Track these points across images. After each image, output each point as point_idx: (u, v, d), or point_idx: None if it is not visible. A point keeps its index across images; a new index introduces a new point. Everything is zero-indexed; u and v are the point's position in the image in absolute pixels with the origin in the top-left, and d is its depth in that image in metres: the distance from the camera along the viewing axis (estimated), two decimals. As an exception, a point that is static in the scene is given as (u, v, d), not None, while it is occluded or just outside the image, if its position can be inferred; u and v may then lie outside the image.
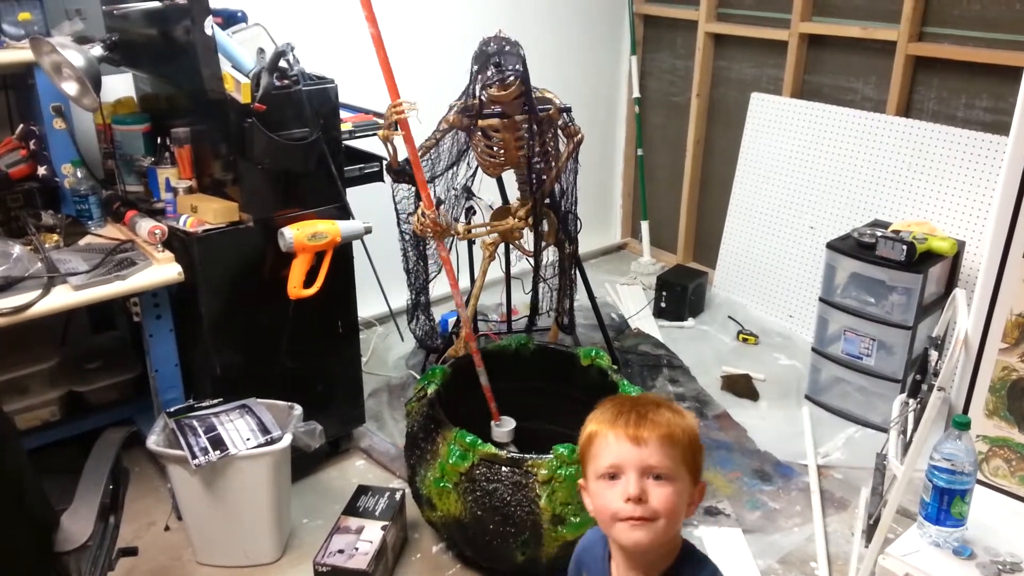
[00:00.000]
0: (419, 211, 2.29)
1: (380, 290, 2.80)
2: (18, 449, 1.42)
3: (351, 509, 2.22)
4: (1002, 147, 2.76)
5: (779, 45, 3.44)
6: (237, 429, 2.12)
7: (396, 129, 2.20)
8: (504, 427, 2.41)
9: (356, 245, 2.45)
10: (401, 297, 2.95)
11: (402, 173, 2.47)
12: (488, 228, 2.68)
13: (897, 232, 2.77)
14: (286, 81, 2.15)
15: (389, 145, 2.35)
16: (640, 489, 1.12)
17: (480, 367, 2.37)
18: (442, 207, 2.57)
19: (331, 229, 2.27)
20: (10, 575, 1.41)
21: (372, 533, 2.12)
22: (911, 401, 2.06)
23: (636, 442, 1.14)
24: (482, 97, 2.34)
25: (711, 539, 2.31)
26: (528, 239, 2.73)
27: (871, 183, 3.16)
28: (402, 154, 2.36)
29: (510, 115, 2.39)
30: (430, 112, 2.53)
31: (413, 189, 2.57)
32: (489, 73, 2.31)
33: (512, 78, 2.28)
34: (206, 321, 2.21)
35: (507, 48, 2.28)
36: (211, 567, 2.21)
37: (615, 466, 1.15)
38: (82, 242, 2.26)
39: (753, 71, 3.62)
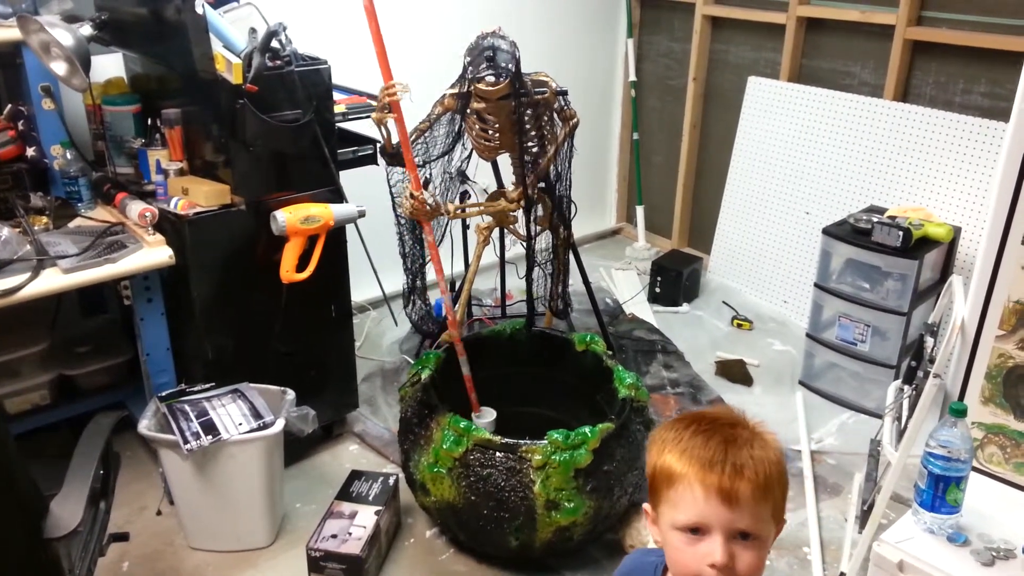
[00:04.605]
0: (407, 192, 2.27)
1: (374, 274, 2.79)
2: (5, 434, 1.41)
3: (344, 494, 2.21)
4: (999, 133, 2.75)
5: (777, 28, 3.41)
6: (229, 414, 2.11)
7: (389, 111, 2.19)
8: (484, 418, 2.40)
9: (350, 229, 2.43)
10: (395, 281, 2.93)
11: (397, 156, 2.45)
12: (480, 208, 2.66)
13: (893, 218, 2.76)
14: (278, 62, 2.13)
15: (383, 128, 2.33)
16: (728, 555, 1.02)
17: (462, 356, 2.35)
18: (430, 186, 2.55)
19: (324, 212, 2.24)
20: (-1, 561, 1.40)
21: (365, 518, 2.12)
22: (906, 387, 2.06)
23: (729, 501, 1.03)
24: (470, 90, 2.35)
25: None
26: (522, 224, 2.72)
27: (868, 168, 3.15)
28: (396, 137, 2.34)
29: (495, 112, 2.40)
30: (425, 98, 2.50)
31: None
32: (482, 67, 2.31)
33: (503, 77, 2.28)
34: (198, 305, 2.19)
35: (503, 46, 2.28)
36: (203, 552, 2.21)
37: (700, 525, 1.04)
38: (72, 224, 2.24)
39: (750, 55, 3.60)
